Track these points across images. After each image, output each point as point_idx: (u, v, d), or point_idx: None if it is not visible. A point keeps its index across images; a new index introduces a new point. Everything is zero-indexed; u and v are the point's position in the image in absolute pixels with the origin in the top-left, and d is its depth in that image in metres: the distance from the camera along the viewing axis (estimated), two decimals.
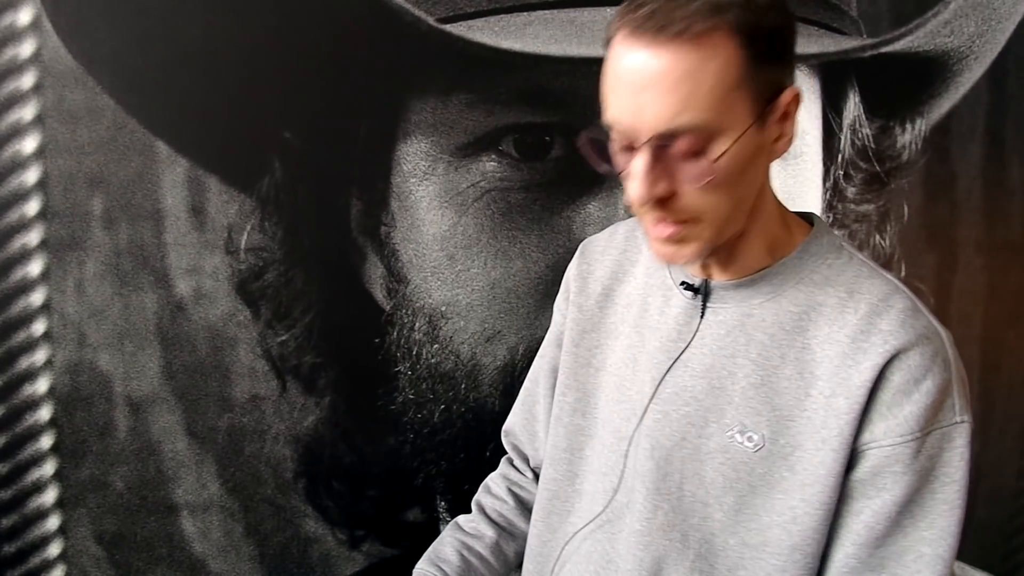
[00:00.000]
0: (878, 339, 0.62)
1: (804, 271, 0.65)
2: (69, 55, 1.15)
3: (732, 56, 0.56)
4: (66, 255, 1.21)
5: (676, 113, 0.56)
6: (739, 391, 0.65)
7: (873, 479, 0.62)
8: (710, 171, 0.58)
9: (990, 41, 1.21)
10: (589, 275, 0.76)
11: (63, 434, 1.23)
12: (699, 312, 0.68)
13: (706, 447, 0.66)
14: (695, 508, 0.67)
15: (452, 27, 1.14)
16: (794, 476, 0.64)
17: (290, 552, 1.27)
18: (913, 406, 0.61)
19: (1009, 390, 1.28)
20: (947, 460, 0.62)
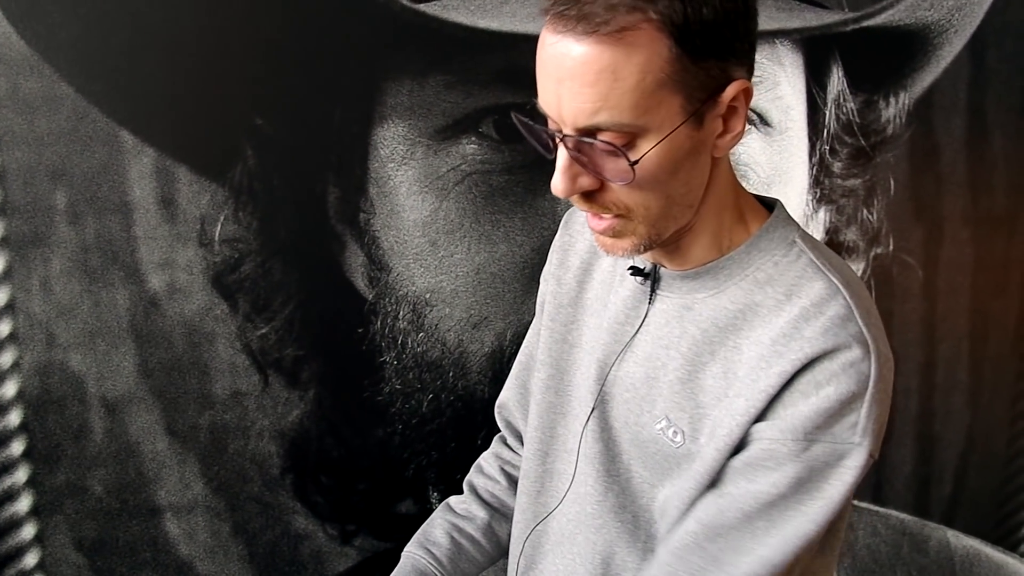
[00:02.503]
0: (796, 345, 0.59)
1: (750, 268, 0.63)
2: (22, 41, 1.10)
3: (658, 53, 0.53)
4: (29, 252, 1.16)
5: (595, 110, 0.54)
6: (667, 384, 0.65)
7: (744, 468, 0.60)
8: (630, 173, 0.56)
9: (969, 14, 1.22)
10: (570, 247, 0.75)
11: (35, 438, 1.20)
12: (647, 298, 0.67)
13: (643, 434, 0.67)
14: (643, 489, 0.67)
15: (427, 7, 1.12)
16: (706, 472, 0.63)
17: (280, 550, 1.25)
18: (807, 408, 0.58)
19: (997, 360, 1.31)
20: (827, 477, 0.59)
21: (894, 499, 1.35)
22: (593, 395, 0.69)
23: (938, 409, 1.33)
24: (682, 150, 0.57)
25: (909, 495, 1.35)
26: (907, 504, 1.35)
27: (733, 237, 0.64)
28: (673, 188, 0.59)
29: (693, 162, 0.58)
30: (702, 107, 0.56)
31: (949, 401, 1.33)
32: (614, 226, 0.60)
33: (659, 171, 0.57)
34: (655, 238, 0.62)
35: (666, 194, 0.59)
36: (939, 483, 1.35)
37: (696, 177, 0.60)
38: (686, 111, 0.55)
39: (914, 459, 1.34)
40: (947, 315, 1.29)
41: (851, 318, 0.60)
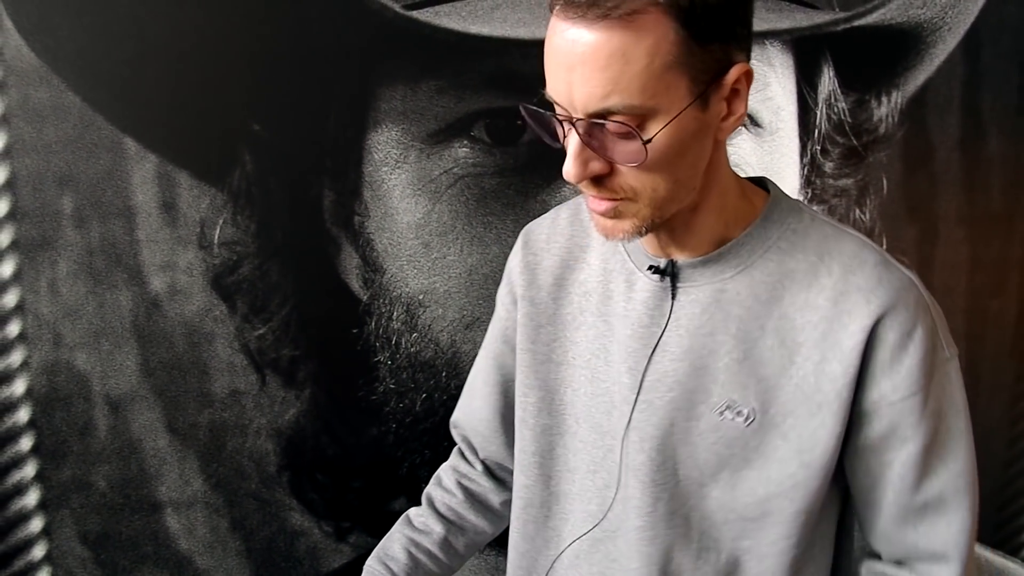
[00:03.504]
0: (859, 298, 0.63)
1: (770, 239, 0.66)
2: (32, 53, 1.16)
3: (665, 36, 0.55)
4: (38, 255, 1.21)
5: (606, 94, 0.56)
6: (723, 368, 0.66)
7: (893, 433, 0.65)
8: (642, 153, 0.57)
9: (962, 12, 1.21)
10: (537, 266, 0.75)
11: (43, 435, 1.24)
12: (669, 294, 0.67)
13: (696, 429, 0.67)
14: (692, 490, 0.68)
15: (419, 13, 1.15)
16: (788, 444, 0.65)
17: (277, 546, 1.28)
18: (911, 359, 0.63)
19: (995, 360, 1.29)
20: (950, 395, 0.66)
21: None
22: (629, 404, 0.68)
23: None
24: (689, 131, 0.58)
25: None
26: None
27: (739, 215, 0.66)
28: (680, 170, 0.60)
29: (699, 144, 0.60)
30: (707, 89, 0.57)
31: None
32: (616, 206, 0.61)
33: (668, 152, 0.58)
34: (657, 220, 0.63)
35: (674, 176, 0.60)
36: None
37: (701, 159, 0.62)
38: (693, 93, 0.57)
39: None
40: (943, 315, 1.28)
41: (888, 262, 0.66)
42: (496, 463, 0.85)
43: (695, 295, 0.66)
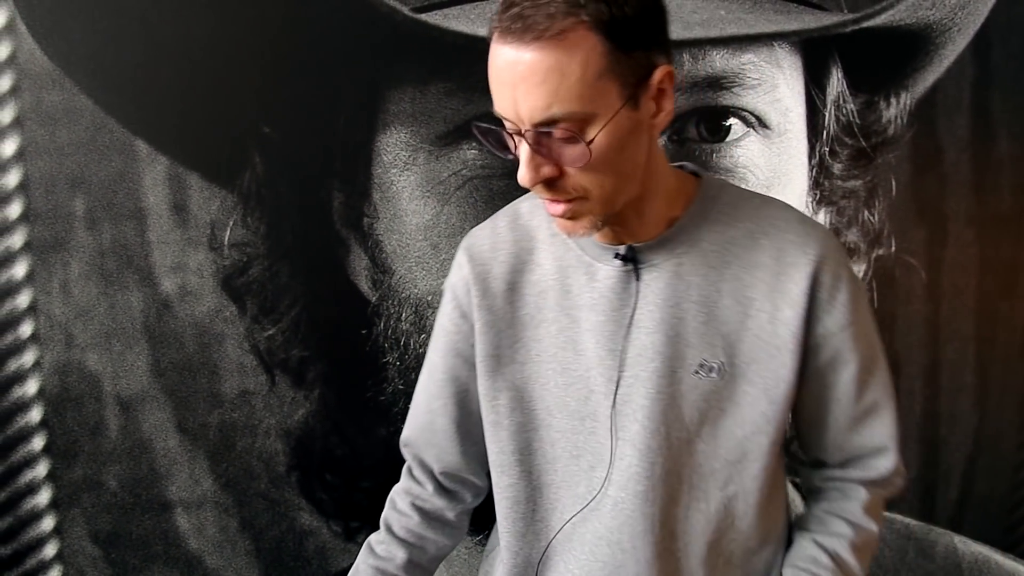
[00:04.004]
0: (797, 251, 0.74)
1: (710, 214, 0.75)
2: (45, 57, 1.17)
3: (594, 49, 0.62)
4: (50, 256, 1.22)
5: (547, 105, 0.63)
6: (692, 332, 0.74)
7: (836, 359, 0.76)
8: (586, 154, 0.64)
9: (972, 13, 1.21)
10: (487, 275, 0.79)
11: (54, 435, 1.25)
12: (633, 276, 0.75)
13: (679, 392, 0.75)
14: (682, 449, 0.76)
15: (427, 16, 1.16)
16: (755, 387, 0.75)
17: (286, 546, 1.29)
18: (843, 295, 0.75)
19: (1005, 362, 1.29)
20: (868, 318, 0.78)
21: (899, 503, 1.34)
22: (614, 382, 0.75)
23: (943, 412, 1.32)
24: (625, 130, 0.66)
25: (915, 499, 1.33)
26: (913, 509, 1.34)
27: (678, 198, 0.76)
28: (622, 165, 0.68)
29: (636, 140, 0.68)
30: (636, 91, 0.65)
31: (955, 404, 1.31)
32: (571, 207, 0.68)
33: (609, 150, 0.66)
34: (610, 212, 0.71)
35: (617, 171, 0.68)
36: (945, 487, 1.33)
37: (639, 154, 0.69)
38: (624, 96, 0.64)
39: (919, 463, 1.32)
40: (952, 317, 1.28)
41: (807, 218, 0.78)
42: (451, 474, 0.87)
43: (656, 272, 0.75)
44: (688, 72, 1.19)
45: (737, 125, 1.22)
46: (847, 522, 0.79)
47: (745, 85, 1.21)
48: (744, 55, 1.20)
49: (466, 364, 0.82)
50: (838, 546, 0.78)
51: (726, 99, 1.21)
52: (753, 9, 1.20)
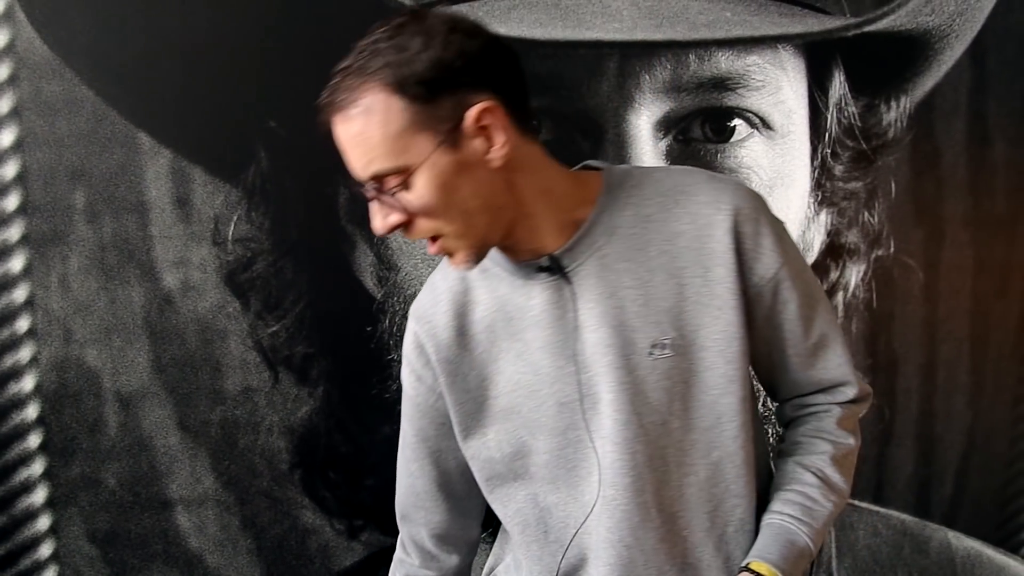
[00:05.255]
0: (712, 211, 0.76)
1: (619, 200, 0.77)
2: (44, 46, 1.15)
3: (391, 108, 0.68)
4: (49, 250, 1.21)
5: (367, 164, 0.70)
6: (634, 316, 0.76)
7: (775, 302, 0.78)
8: (414, 199, 0.70)
9: (970, 19, 1.24)
10: (434, 330, 0.82)
11: (51, 432, 1.24)
12: (564, 282, 0.77)
13: (639, 377, 0.76)
14: (658, 431, 0.77)
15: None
16: (709, 352, 0.77)
17: (288, 544, 1.28)
18: (767, 239, 0.77)
19: (998, 361, 1.33)
20: (797, 254, 0.80)
21: (895, 499, 1.37)
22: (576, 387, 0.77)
23: (939, 410, 1.35)
24: (448, 172, 0.70)
25: (910, 496, 1.37)
26: (908, 505, 1.37)
27: (581, 198, 0.77)
28: (462, 203, 0.71)
29: (470, 178, 0.71)
30: (452, 134, 0.69)
31: (950, 402, 1.34)
32: (439, 247, 0.74)
33: (436, 193, 0.70)
34: (481, 243, 0.74)
35: (459, 209, 0.71)
36: (940, 484, 1.36)
37: (483, 187, 0.72)
38: (435, 142, 0.69)
39: (915, 460, 1.35)
40: (948, 317, 1.31)
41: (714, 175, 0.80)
42: (442, 535, 0.90)
43: (584, 271, 0.76)
44: (694, 73, 1.21)
45: (741, 126, 1.24)
46: (824, 440, 0.81)
47: (750, 87, 1.23)
48: (749, 57, 1.22)
49: (432, 424, 0.85)
50: (820, 463, 0.80)
51: (731, 100, 1.23)
52: (758, 12, 1.22)
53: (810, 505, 0.78)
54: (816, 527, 0.78)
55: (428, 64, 0.68)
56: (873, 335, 1.31)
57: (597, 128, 1.21)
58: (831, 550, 1.34)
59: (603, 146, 1.22)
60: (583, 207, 0.76)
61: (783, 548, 0.77)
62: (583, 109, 1.21)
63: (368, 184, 0.71)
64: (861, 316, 1.31)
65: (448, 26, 0.70)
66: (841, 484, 0.80)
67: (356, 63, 0.69)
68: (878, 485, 1.36)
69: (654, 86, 1.21)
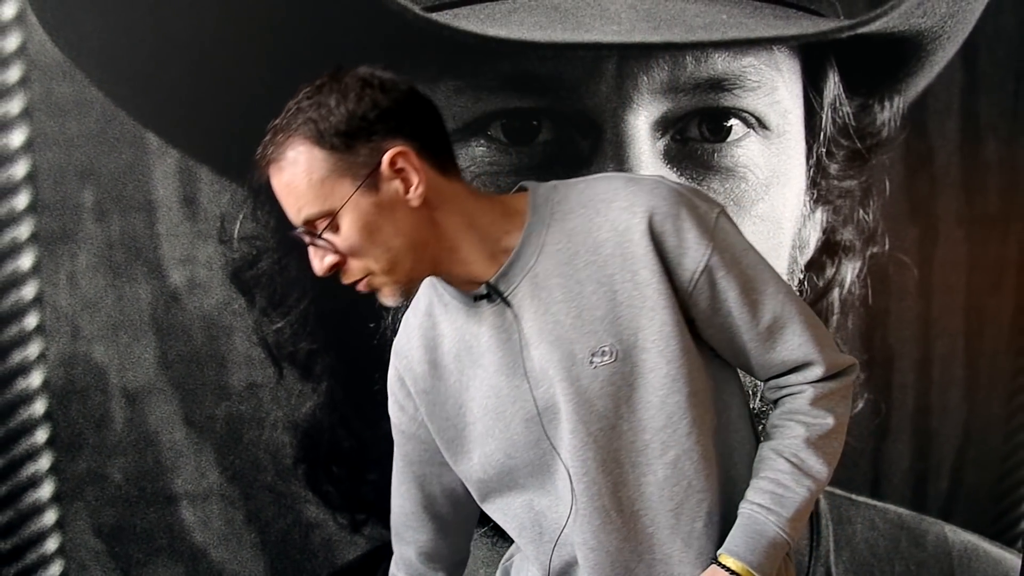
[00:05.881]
0: (627, 215, 0.79)
1: (545, 219, 0.81)
2: (56, 48, 1.18)
3: (313, 157, 0.75)
4: (57, 248, 1.23)
5: (297, 210, 0.77)
6: (571, 328, 0.79)
7: (713, 295, 0.79)
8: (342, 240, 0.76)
9: (961, 21, 1.27)
10: (411, 364, 0.88)
11: (58, 427, 1.25)
12: (504, 305, 0.81)
13: (583, 386, 0.79)
14: (608, 435, 0.80)
15: (438, 15, 1.18)
16: (649, 353, 0.79)
17: (292, 538, 1.29)
18: (689, 232, 0.78)
19: (993, 356, 1.35)
20: (733, 241, 0.80)
21: (891, 494, 1.38)
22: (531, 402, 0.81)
23: (935, 405, 1.36)
24: (371, 214, 0.76)
25: (907, 490, 1.38)
26: (904, 499, 1.38)
27: (510, 224, 0.80)
28: (387, 241, 0.77)
29: (392, 218, 0.76)
30: (371, 178, 0.75)
31: (946, 397, 1.36)
32: (366, 285, 0.79)
33: (361, 233, 0.76)
34: (406, 280, 0.79)
35: (384, 248, 0.77)
36: (936, 478, 1.38)
37: (405, 226, 0.77)
38: (355, 186, 0.75)
39: (911, 454, 1.37)
40: (943, 313, 1.33)
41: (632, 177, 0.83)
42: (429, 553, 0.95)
43: (520, 292, 0.80)
44: (691, 74, 1.23)
45: (738, 126, 1.26)
46: (797, 422, 0.80)
47: (746, 87, 1.25)
48: (745, 58, 1.25)
49: (416, 450, 0.92)
50: (794, 447, 0.79)
51: (727, 100, 1.25)
52: (753, 14, 1.24)
53: (781, 493, 0.78)
54: (787, 515, 0.78)
55: (344, 117, 0.75)
56: (869, 331, 1.33)
57: (596, 128, 1.23)
58: (829, 543, 1.35)
59: (602, 146, 1.24)
60: (513, 232, 0.80)
61: (750, 540, 0.78)
62: (582, 110, 1.23)
63: (302, 229, 0.77)
64: (857, 312, 1.33)
65: (362, 83, 0.77)
66: (818, 466, 0.79)
67: (283, 121, 0.77)
68: (875, 479, 1.38)
69: (652, 87, 1.23)
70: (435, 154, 0.77)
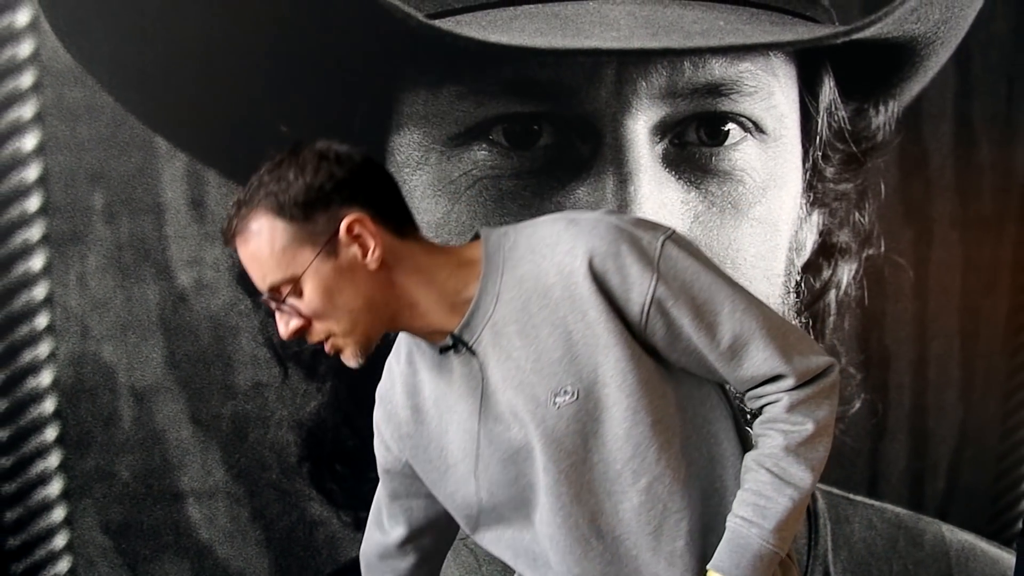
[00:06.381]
0: (569, 259, 0.81)
1: (498, 268, 0.83)
2: (68, 54, 1.21)
3: (274, 228, 0.79)
4: (68, 249, 1.25)
5: (262, 277, 0.81)
6: (531, 372, 0.82)
7: (668, 324, 0.80)
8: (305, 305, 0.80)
9: (954, 27, 1.28)
10: (394, 409, 0.92)
11: (67, 425, 1.27)
12: (471, 354, 0.84)
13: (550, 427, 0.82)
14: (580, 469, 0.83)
15: (441, 22, 1.20)
16: (609, 388, 0.80)
17: (296, 535, 1.31)
18: (631, 267, 0.79)
19: (988, 356, 1.36)
20: (681, 266, 0.81)
21: (889, 493, 1.39)
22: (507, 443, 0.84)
23: (931, 405, 1.38)
24: (331, 278, 0.80)
25: (904, 489, 1.39)
26: (902, 498, 1.39)
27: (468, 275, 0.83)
28: (347, 303, 0.80)
29: (351, 281, 0.80)
30: (329, 245, 0.79)
31: (942, 397, 1.37)
32: (332, 344, 0.83)
33: (323, 298, 0.80)
34: (365, 339, 0.83)
35: (345, 310, 0.80)
36: (933, 478, 1.39)
37: (364, 288, 0.81)
38: (315, 253, 0.79)
39: (908, 454, 1.38)
40: (938, 314, 1.35)
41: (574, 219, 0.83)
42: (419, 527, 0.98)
43: (483, 341, 0.83)
44: (689, 79, 1.25)
45: (735, 130, 1.28)
46: (777, 431, 0.81)
47: (743, 92, 1.27)
48: (742, 64, 1.27)
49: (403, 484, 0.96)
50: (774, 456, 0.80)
51: (725, 105, 1.27)
52: (750, 21, 1.26)
53: (763, 504, 0.79)
54: (770, 527, 0.79)
55: (302, 189, 0.78)
56: (865, 331, 1.34)
57: (596, 132, 1.25)
58: (827, 543, 1.36)
59: (601, 150, 1.26)
60: (471, 283, 0.83)
61: (735, 554, 0.80)
62: (582, 114, 1.25)
63: (268, 295, 0.81)
64: (853, 313, 1.34)
65: (318, 156, 0.80)
66: (800, 474, 0.79)
67: (246, 196, 0.81)
68: (872, 479, 1.39)
69: (651, 92, 1.25)
70: (390, 218, 0.81)
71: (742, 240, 1.27)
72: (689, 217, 1.27)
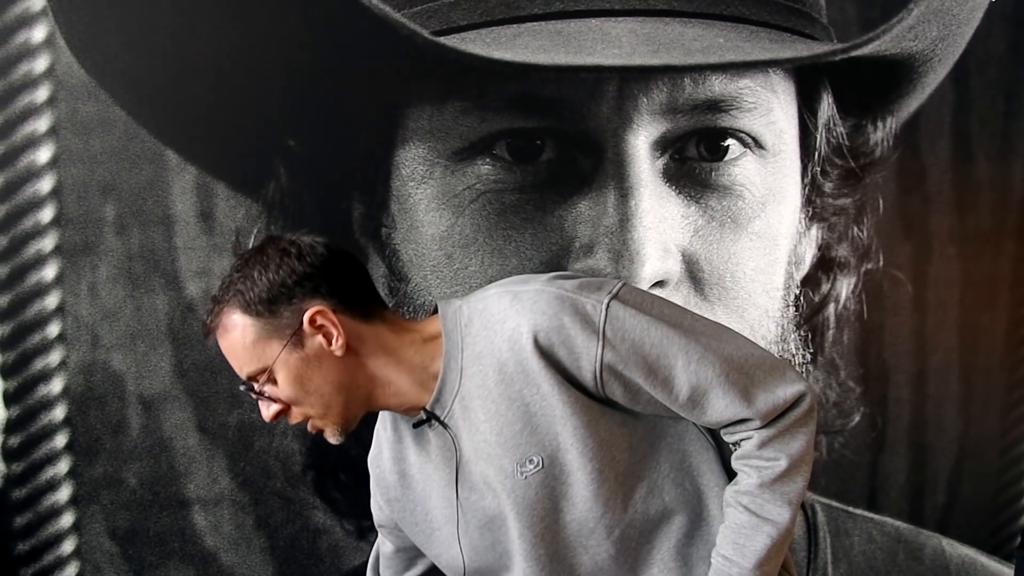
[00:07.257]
0: (516, 336, 0.83)
1: (458, 343, 0.86)
2: (82, 70, 1.24)
3: (244, 324, 0.84)
4: (80, 260, 1.28)
5: (239, 368, 0.86)
6: (495, 445, 0.85)
7: (624, 384, 0.82)
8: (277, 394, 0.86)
9: (952, 44, 1.30)
10: (383, 475, 0.97)
11: (77, 432, 1.29)
12: (444, 428, 0.88)
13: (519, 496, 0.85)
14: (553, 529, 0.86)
15: (446, 39, 1.23)
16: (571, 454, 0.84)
17: (300, 544, 1.32)
18: (575, 337, 0.81)
19: (987, 371, 1.36)
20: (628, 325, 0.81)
21: (888, 507, 1.39)
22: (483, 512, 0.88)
23: (930, 419, 1.38)
24: (300, 367, 0.85)
25: (903, 503, 1.39)
26: (901, 512, 1.40)
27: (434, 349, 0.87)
28: (318, 389, 0.85)
29: (319, 369, 0.85)
30: (293, 338, 0.84)
31: (941, 411, 1.37)
32: (313, 425, 0.88)
33: (294, 386, 0.85)
34: (343, 420, 0.87)
35: (317, 395, 0.86)
36: (933, 492, 1.39)
37: (333, 374, 0.86)
38: (282, 345, 0.84)
39: (908, 467, 1.38)
40: (937, 328, 1.35)
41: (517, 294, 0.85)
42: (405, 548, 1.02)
43: (454, 414, 0.87)
44: (689, 95, 1.27)
45: (735, 145, 1.29)
46: (751, 467, 0.82)
47: (742, 108, 1.28)
48: (741, 80, 1.28)
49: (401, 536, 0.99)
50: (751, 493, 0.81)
51: (724, 121, 1.28)
52: (750, 38, 1.28)
53: (743, 543, 0.81)
54: (749, 564, 0.80)
55: (266, 287, 0.84)
56: (864, 345, 1.35)
57: (597, 148, 1.27)
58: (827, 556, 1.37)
59: (603, 165, 1.27)
60: (436, 357, 0.86)
61: None
62: (584, 130, 1.26)
63: (246, 385, 0.87)
64: (852, 327, 1.35)
65: (281, 253, 0.85)
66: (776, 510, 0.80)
67: (219, 294, 0.86)
68: (872, 492, 1.39)
69: (651, 108, 1.26)
70: (354, 304, 0.85)
71: (742, 254, 1.28)
72: (689, 231, 1.28)
